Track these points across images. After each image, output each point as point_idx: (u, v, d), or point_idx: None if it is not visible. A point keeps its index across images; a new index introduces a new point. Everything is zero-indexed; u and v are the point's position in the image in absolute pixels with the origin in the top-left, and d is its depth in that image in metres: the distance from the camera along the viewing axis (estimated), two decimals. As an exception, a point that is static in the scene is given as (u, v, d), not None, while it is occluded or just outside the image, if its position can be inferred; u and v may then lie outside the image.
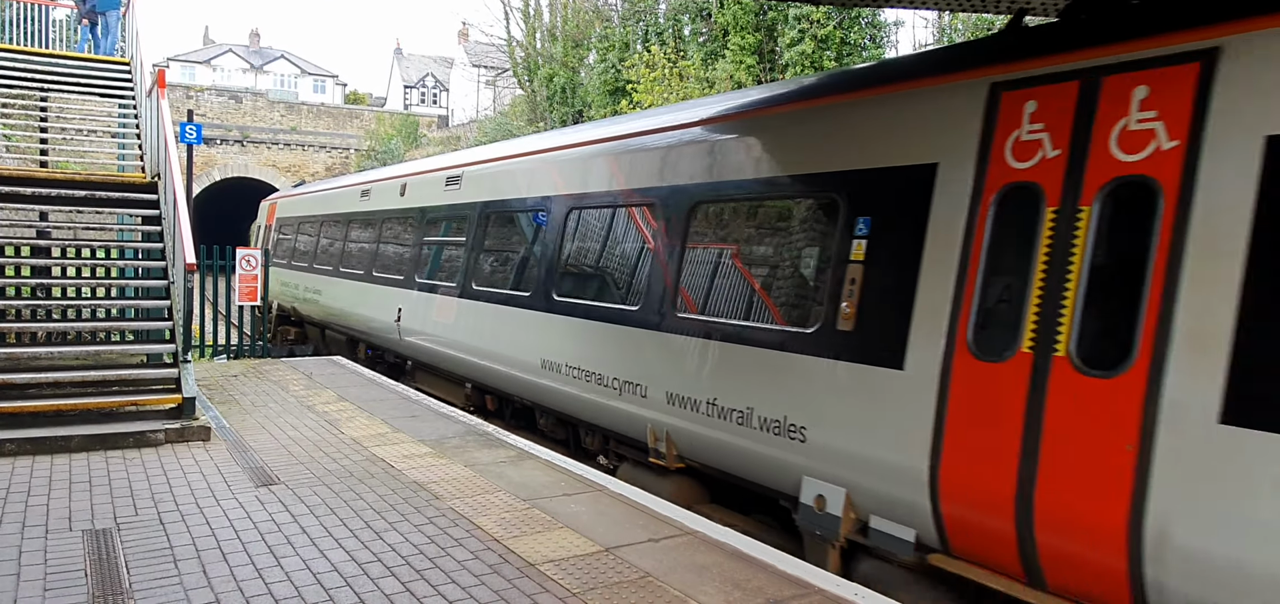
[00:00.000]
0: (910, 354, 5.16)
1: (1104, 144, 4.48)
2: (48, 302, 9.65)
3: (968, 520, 4.86)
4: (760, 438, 6.11)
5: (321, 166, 44.10)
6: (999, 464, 4.69)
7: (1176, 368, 4.00)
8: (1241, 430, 3.75)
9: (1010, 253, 4.82)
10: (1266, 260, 3.81)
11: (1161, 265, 4.16)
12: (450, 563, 4.92)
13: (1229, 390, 3.81)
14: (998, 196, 4.92)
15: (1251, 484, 3.72)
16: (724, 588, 4.68)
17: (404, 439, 7.88)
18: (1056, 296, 4.51)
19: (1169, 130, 4.21)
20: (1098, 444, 4.27)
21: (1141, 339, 4.15)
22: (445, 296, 11.18)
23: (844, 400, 5.54)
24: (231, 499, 5.94)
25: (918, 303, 5.16)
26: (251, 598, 4.37)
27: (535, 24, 34.41)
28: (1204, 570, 3.87)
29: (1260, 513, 3.68)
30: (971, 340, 4.86)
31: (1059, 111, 4.68)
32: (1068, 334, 4.43)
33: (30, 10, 15.47)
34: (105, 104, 13.55)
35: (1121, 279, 4.34)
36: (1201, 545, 3.88)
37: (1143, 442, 4.09)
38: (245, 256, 13.58)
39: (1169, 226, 4.16)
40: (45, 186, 10.03)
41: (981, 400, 4.79)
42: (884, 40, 20.61)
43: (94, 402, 7.67)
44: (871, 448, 5.36)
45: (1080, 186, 4.55)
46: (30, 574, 4.53)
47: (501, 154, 11.28)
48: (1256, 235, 3.87)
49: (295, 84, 72.71)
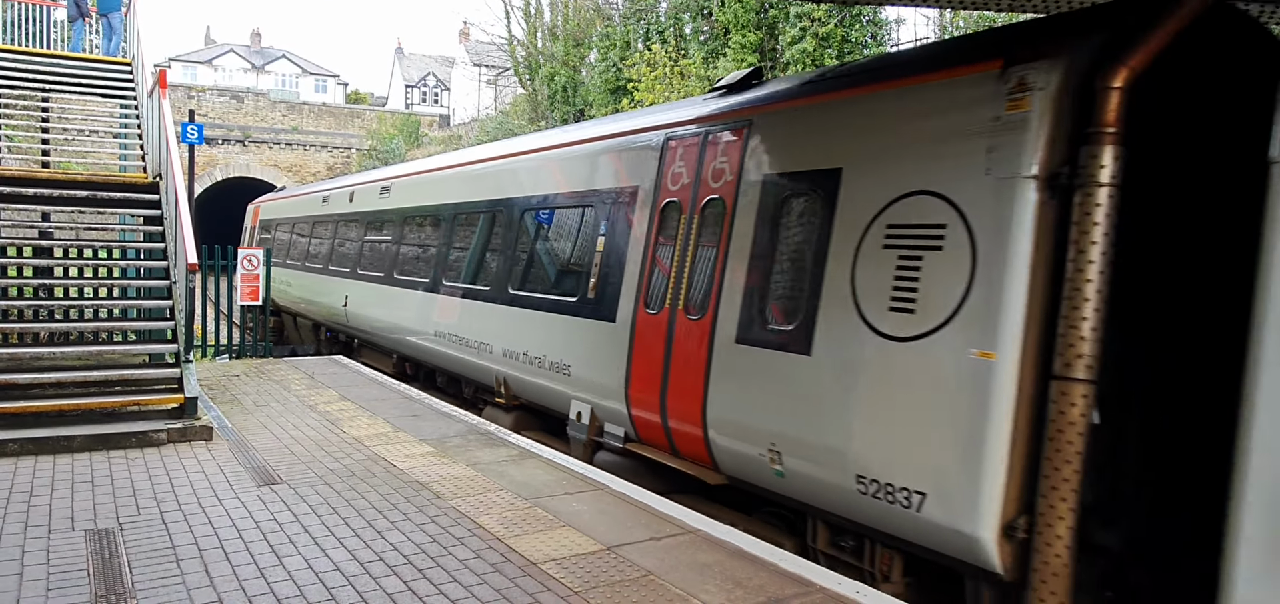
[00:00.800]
0: (619, 311, 7.56)
1: (706, 175, 6.94)
2: (50, 302, 9.66)
3: (643, 419, 7.25)
4: (550, 376, 8.59)
5: (323, 166, 44.09)
6: (654, 380, 7.05)
7: (722, 315, 6.38)
8: (745, 347, 6.16)
9: (667, 246, 7.19)
10: (755, 254, 6.25)
11: (722, 255, 6.54)
12: (452, 562, 4.93)
13: (739, 327, 6.21)
14: (662, 209, 7.38)
15: (746, 376, 6.13)
16: (725, 586, 4.69)
17: (406, 438, 7.89)
18: (681, 273, 6.94)
19: (731, 169, 6.66)
20: (691, 361, 6.64)
21: (713, 298, 6.51)
22: (376, 285, 13.51)
23: (589, 346, 7.97)
24: (234, 499, 5.95)
25: (624, 278, 7.59)
26: (254, 597, 4.38)
27: (536, 23, 34.39)
28: (728, 427, 6.27)
29: (748, 389, 6.10)
30: (646, 301, 7.26)
31: (689, 154, 7.22)
32: (684, 296, 6.85)
33: (32, 11, 15.48)
34: (107, 104, 13.57)
35: (705, 265, 6.73)
36: (728, 412, 6.27)
37: (708, 358, 6.46)
38: (247, 256, 13.60)
39: (727, 230, 6.55)
40: (47, 187, 10.05)
41: (647, 340, 7.17)
42: (885, 38, 20.56)
43: (96, 402, 7.68)
44: (601, 377, 7.74)
45: (694, 202, 7.01)
46: (33, 574, 4.54)
47: (415, 169, 14.02)
48: (757, 237, 6.27)
49: (297, 84, 72.72)
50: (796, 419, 5.71)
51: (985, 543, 4.57)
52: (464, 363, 10.42)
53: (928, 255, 5.01)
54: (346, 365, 12.39)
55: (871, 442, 5.18)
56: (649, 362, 7.06)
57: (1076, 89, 4.55)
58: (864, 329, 5.29)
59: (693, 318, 6.64)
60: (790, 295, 5.96)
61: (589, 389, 7.92)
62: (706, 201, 6.76)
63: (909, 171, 5.28)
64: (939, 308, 4.88)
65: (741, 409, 6.15)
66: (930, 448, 4.84)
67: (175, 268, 9.13)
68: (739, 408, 6.17)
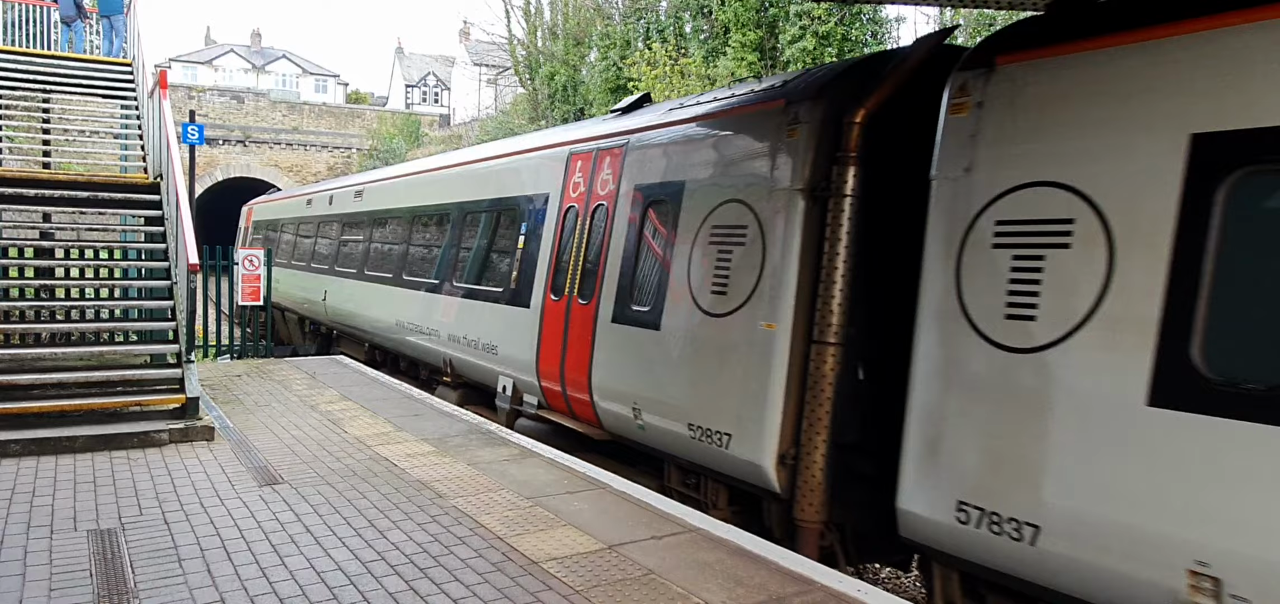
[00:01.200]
0: (532, 299, 9.05)
1: (595, 186, 8.43)
2: (51, 303, 9.67)
3: (548, 388, 8.69)
4: (483, 356, 10.04)
5: (324, 166, 44.09)
6: (556, 356, 8.48)
7: (603, 299, 7.87)
8: (618, 325, 7.61)
9: (569, 244, 8.67)
10: (626, 250, 7.72)
11: (604, 251, 8.00)
12: (453, 561, 4.94)
13: (615, 309, 7.67)
14: (564, 212, 8.87)
15: (618, 350, 7.59)
16: (726, 585, 4.69)
17: (407, 438, 7.90)
18: (577, 266, 8.40)
19: (613, 180, 8.13)
20: (582, 339, 8.07)
21: (597, 286, 7.98)
22: (350, 281, 14.89)
23: (510, 329, 9.42)
24: (235, 499, 5.96)
25: (537, 271, 9.09)
26: (256, 597, 4.39)
27: (536, 22, 34.37)
28: (607, 392, 7.70)
29: (620, 360, 7.55)
30: (552, 290, 8.76)
31: (585, 166, 8.68)
32: (578, 285, 8.35)
33: (31, 12, 15.48)
34: (107, 105, 13.57)
35: (593, 258, 8.20)
36: (606, 379, 7.72)
37: (593, 335, 7.92)
38: (248, 256, 13.61)
39: (608, 230, 8.05)
40: (48, 188, 10.06)
41: (551, 323, 8.64)
42: (886, 35, 20.55)
43: (98, 402, 7.69)
44: (518, 354, 9.20)
45: (587, 207, 8.47)
46: (35, 574, 4.55)
47: (381, 176, 15.76)
48: (628, 236, 7.76)
49: (297, 84, 72.72)
50: (650, 382, 7.21)
51: (767, 470, 6.02)
52: (419, 348, 11.97)
53: (735, 249, 6.52)
54: (348, 365, 12.40)
55: (698, 397, 6.64)
56: (553, 341, 8.61)
57: (831, 122, 6.02)
58: (695, 308, 6.81)
59: (583, 303, 8.21)
60: (648, 283, 7.49)
61: (510, 365, 9.41)
62: (595, 207, 8.37)
63: (726, 184, 6.79)
64: (742, 290, 6.37)
65: (615, 377, 7.65)
66: (733, 400, 6.30)
67: (176, 268, 9.14)
68: (613, 376, 7.68)
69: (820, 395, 5.81)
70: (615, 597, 4.49)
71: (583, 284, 8.28)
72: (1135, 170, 4.24)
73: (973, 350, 4.83)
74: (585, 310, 8.12)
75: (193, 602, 4.31)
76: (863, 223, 5.89)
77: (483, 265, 10.54)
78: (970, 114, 5.18)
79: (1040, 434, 4.46)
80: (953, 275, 5.03)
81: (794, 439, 5.96)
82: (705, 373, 6.61)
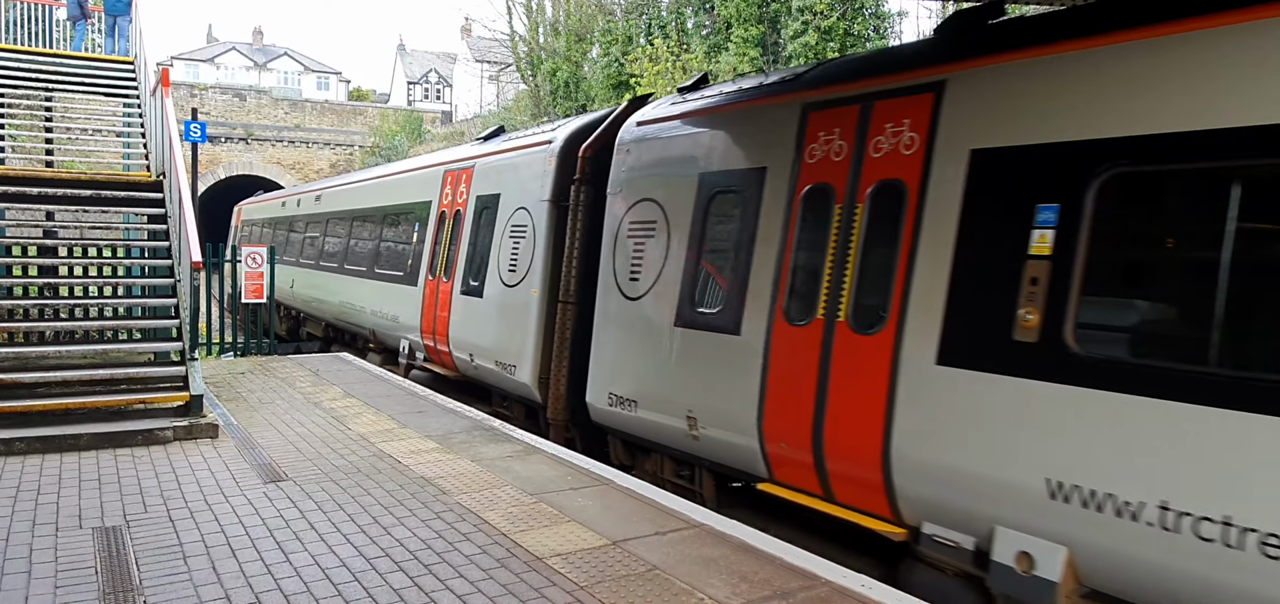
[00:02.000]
0: (420, 280, 11.97)
1: (455, 195, 11.66)
2: (55, 301, 9.67)
3: (428, 345, 11.58)
4: (391, 325, 13.14)
5: (326, 163, 44.04)
6: (431, 320, 11.37)
7: (457, 277, 10.85)
8: (463, 296, 10.60)
9: (441, 238, 11.44)
10: (472, 241, 10.86)
11: (459, 241, 10.90)
12: (458, 557, 4.94)
13: (462, 284, 10.66)
14: (439, 215, 11.92)
15: (464, 312, 10.61)
16: (731, 580, 4.69)
17: (411, 435, 7.90)
18: (444, 254, 11.05)
19: (466, 190, 11.16)
20: (446, 305, 10.82)
21: (453, 267, 10.75)
22: (309, 271, 18.38)
23: (406, 303, 12.37)
24: (240, 496, 5.97)
25: (423, 259, 12.05)
26: (260, 594, 4.39)
27: (538, 18, 34.31)
28: (460, 345, 10.51)
29: (465, 320, 10.62)
30: (430, 272, 11.69)
31: (452, 181, 11.73)
32: (445, 267, 11.24)
33: (33, 11, 15.48)
34: (110, 103, 13.58)
35: (452, 248, 11.04)
36: (456, 334, 10.62)
37: (450, 304, 10.81)
38: (252, 254, 13.62)
39: (461, 228, 10.91)
40: (51, 186, 10.07)
41: (429, 296, 11.49)
42: (888, 30, 20.50)
43: (102, 400, 7.71)
44: (410, 320, 12.16)
45: (453, 210, 11.44)
46: (41, 571, 4.56)
47: (334, 183, 19.68)
48: (473, 231, 11.00)
49: (299, 81, 72.70)
50: (479, 334, 10.33)
51: (532, 387, 9.27)
52: (355, 323, 15.19)
53: (521, 241, 9.65)
54: (351, 362, 12.41)
55: (502, 341, 9.81)
56: (429, 309, 11.59)
57: (568, 157, 9.09)
58: (500, 282, 9.93)
59: (446, 280, 11.15)
60: (480, 263, 10.54)
61: (407, 330, 12.47)
62: (455, 211, 11.35)
63: (518, 196, 9.94)
64: (522, 268, 9.54)
65: (463, 332, 10.69)
66: (515, 341, 9.49)
67: (179, 266, 9.14)
68: (463, 331, 10.70)
69: (563, 339, 8.71)
70: (619, 592, 4.49)
71: (446, 267, 11.38)
72: (678, 192, 7.36)
73: (617, 300, 7.93)
74: (446, 286, 11.21)
75: (198, 599, 4.31)
76: (587, 223, 8.65)
77: (392, 256, 13.65)
78: (623, 156, 8.26)
79: (637, 348, 7.56)
80: (611, 255, 8.08)
81: (545, 367, 9.07)
82: (504, 325, 9.80)
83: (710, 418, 6.64)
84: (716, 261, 6.87)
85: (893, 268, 5.31)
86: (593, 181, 8.61)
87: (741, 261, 6.50)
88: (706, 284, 6.90)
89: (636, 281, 7.58)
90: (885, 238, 5.43)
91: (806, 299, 5.91)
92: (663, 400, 7.14)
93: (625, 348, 7.68)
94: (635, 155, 8.05)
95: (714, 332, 6.65)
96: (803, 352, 5.82)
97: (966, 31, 5.57)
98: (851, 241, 5.64)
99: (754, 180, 6.53)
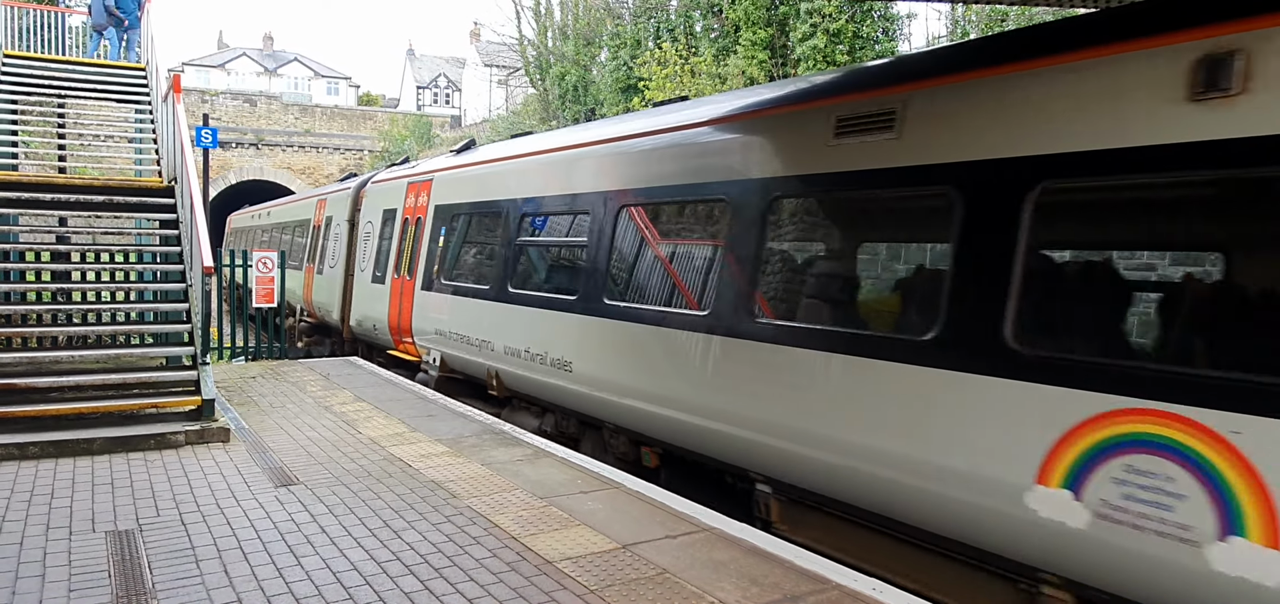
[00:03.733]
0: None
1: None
2: (68, 306, 9.72)
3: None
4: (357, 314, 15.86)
5: (336, 168, 44.21)
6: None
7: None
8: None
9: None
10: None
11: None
12: (468, 561, 4.95)
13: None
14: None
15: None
16: (741, 584, 4.68)
17: (421, 438, 7.92)
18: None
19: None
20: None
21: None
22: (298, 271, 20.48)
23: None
24: (252, 499, 5.99)
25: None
26: (272, 597, 4.41)
27: (546, 23, 34.40)
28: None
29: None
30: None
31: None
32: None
33: (46, 18, 15.61)
34: (122, 110, 13.67)
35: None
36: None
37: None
38: (262, 259, 13.69)
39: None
40: (64, 192, 10.14)
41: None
42: (897, 33, 20.43)
43: (115, 404, 7.74)
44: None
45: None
46: (55, 575, 4.59)
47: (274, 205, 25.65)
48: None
49: (309, 86, 73.07)
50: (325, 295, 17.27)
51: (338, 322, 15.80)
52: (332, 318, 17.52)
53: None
54: (361, 366, 12.45)
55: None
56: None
57: (356, 199, 16.33)
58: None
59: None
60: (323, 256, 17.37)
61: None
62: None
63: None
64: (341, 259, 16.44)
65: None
66: (335, 299, 16.35)
67: (191, 271, 9.19)
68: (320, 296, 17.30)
69: (349, 296, 15.24)
70: (630, 596, 4.49)
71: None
72: (380, 209, 14.50)
73: (360, 279, 14.64)
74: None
75: (210, 602, 4.33)
76: None
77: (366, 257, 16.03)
78: (362, 198, 15.63)
79: (362, 296, 14.74)
80: (352, 250, 15.53)
81: (344, 314, 15.36)
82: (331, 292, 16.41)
83: (376, 322, 13.87)
84: (385, 248, 13.89)
85: (410, 251, 12.71)
86: (365, 209, 15.36)
87: (387, 249, 13.77)
88: (384, 260, 13.80)
89: (365, 265, 14.71)
90: (403, 238, 13.00)
91: (396, 266, 13.18)
92: (366, 317, 14.44)
93: (360, 297, 14.87)
94: (367, 198, 15.56)
95: (377, 284, 13.90)
96: (397, 290, 12.93)
97: None
98: (407, 242, 12.89)
99: (391, 215, 13.94)
